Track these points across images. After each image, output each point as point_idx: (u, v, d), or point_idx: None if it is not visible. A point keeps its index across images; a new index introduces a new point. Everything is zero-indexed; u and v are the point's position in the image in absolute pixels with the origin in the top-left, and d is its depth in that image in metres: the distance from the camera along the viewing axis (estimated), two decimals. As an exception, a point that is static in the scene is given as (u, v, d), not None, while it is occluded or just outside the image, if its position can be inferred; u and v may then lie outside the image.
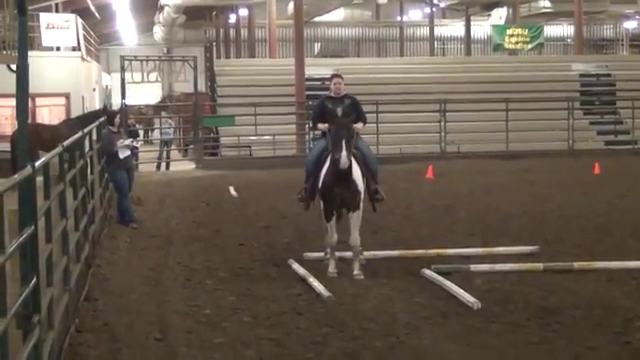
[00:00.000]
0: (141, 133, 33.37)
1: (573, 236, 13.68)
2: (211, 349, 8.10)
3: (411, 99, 29.76)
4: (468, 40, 48.46)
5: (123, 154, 15.20)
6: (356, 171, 11.11)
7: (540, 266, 11.26)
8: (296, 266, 11.43)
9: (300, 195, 11.82)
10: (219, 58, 47.65)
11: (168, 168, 27.48)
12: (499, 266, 11.26)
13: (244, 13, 47.61)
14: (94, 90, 36.26)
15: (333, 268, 11.21)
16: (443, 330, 8.70)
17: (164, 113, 34.59)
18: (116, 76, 35.91)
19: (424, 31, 53.56)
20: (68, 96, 29.60)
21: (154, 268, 11.83)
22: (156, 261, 12.31)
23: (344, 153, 10.69)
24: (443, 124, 28.27)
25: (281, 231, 14.52)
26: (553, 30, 52.16)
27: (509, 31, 40.72)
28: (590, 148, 28.56)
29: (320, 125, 11.55)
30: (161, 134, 29.18)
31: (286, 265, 11.66)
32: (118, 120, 15.94)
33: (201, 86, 34.29)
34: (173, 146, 30.62)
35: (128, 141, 15.72)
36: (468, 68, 35.58)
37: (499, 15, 48.73)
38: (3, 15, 22.72)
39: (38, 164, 6.93)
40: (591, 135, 30.83)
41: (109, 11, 43.76)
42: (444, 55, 52.56)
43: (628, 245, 12.83)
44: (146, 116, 38.15)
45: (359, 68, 34.19)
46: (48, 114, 29.34)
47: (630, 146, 29.57)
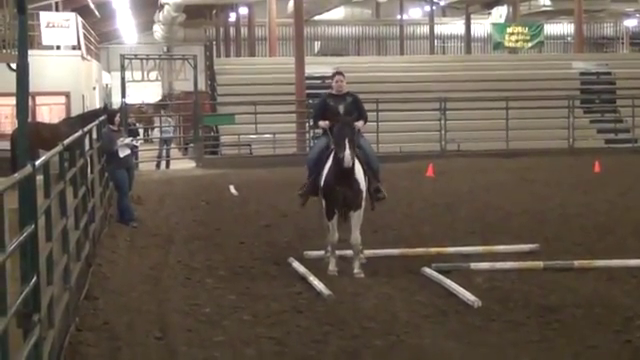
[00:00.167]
0: (141, 132, 33.38)
1: (573, 234, 13.68)
2: (211, 348, 8.10)
3: (411, 97, 29.73)
4: (468, 38, 48.43)
5: (123, 153, 15.20)
6: (358, 170, 11.09)
7: (540, 264, 11.25)
8: (296, 265, 11.43)
9: (301, 191, 11.82)
10: (219, 57, 47.62)
11: (168, 167, 27.49)
12: (499, 264, 11.25)
13: (244, 12, 47.62)
14: (94, 89, 36.25)
15: (333, 267, 11.21)
16: (443, 328, 8.70)
17: (163, 112, 34.57)
18: (116, 75, 35.90)
19: (424, 29, 53.51)
20: (68, 95, 29.60)
21: (154, 267, 11.84)
22: (156, 260, 12.31)
23: (347, 152, 10.67)
24: (443, 122, 28.27)
25: (281, 230, 14.52)
26: (553, 28, 52.16)
27: (509, 29, 40.70)
28: (590, 146, 28.55)
29: (321, 123, 11.52)
30: (161, 133, 29.17)
31: (286, 264, 11.66)
32: (118, 119, 15.95)
33: (201, 85, 34.26)
34: (173, 145, 30.60)
35: (128, 140, 15.72)
36: (468, 66, 35.54)
37: (499, 13, 48.72)
38: (3, 14, 22.69)
39: (38, 163, 6.93)
40: (591, 133, 30.80)
41: (109, 10, 43.78)
42: (444, 53, 52.56)
43: (628, 243, 12.83)
44: (146, 115, 38.15)
45: (359, 66, 34.16)
46: (48, 113, 29.32)
47: (630, 144, 29.55)
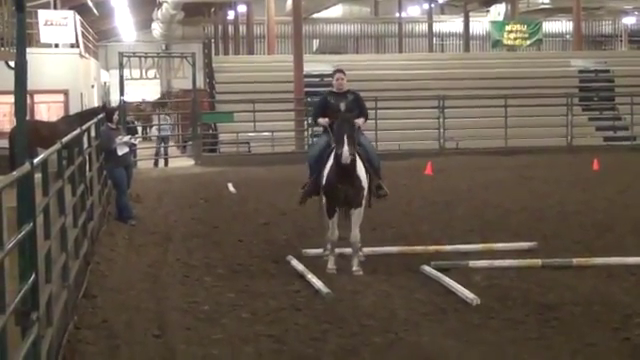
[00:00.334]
0: (140, 130, 33.34)
1: (572, 232, 13.68)
2: (210, 345, 8.10)
3: (410, 95, 29.69)
4: (467, 36, 48.41)
5: (122, 151, 15.19)
6: (360, 167, 11.08)
7: (539, 262, 11.24)
8: (295, 262, 11.42)
9: (303, 190, 11.78)
10: (217, 55, 47.57)
11: (167, 165, 27.48)
12: (498, 262, 11.24)
13: (242, 9, 47.58)
14: (92, 87, 36.25)
15: (332, 264, 11.20)
16: (442, 326, 8.70)
17: (159, 110, 34.54)
18: (114, 73, 35.90)
19: (423, 27, 53.53)
20: (67, 93, 29.58)
21: (153, 265, 11.83)
22: (155, 258, 12.31)
23: (346, 148, 10.65)
24: (442, 120, 28.27)
25: (280, 228, 14.52)
26: (552, 26, 52.14)
27: (508, 27, 40.65)
28: (589, 144, 28.55)
29: (321, 120, 11.51)
30: (159, 131, 29.14)
31: (285, 261, 11.65)
32: (117, 117, 15.94)
33: (200, 83, 34.23)
34: (171, 142, 30.58)
35: (127, 138, 15.71)
36: (467, 64, 35.53)
37: (498, 11, 48.63)
38: (1, 12, 22.70)
39: (37, 161, 6.92)
40: (590, 131, 30.79)
41: (107, 7, 43.75)
42: (443, 51, 52.52)
43: (627, 241, 12.83)
44: (144, 113, 38.10)
45: (358, 64, 34.11)
46: (47, 111, 29.30)
47: (629, 142, 29.57)
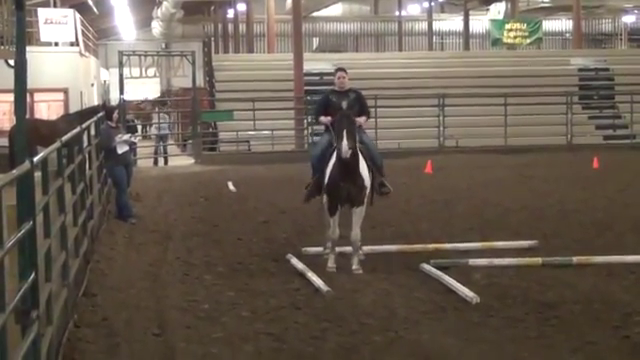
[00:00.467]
0: (139, 128, 33.34)
1: (572, 231, 13.68)
2: (210, 344, 8.09)
3: (409, 94, 29.72)
4: (466, 35, 48.44)
5: (121, 149, 15.19)
6: (363, 165, 11.06)
7: (539, 260, 11.24)
8: (295, 261, 11.42)
9: (307, 190, 11.76)
10: (217, 53, 47.55)
11: (166, 163, 27.48)
12: (498, 261, 11.24)
13: (242, 8, 47.59)
14: (92, 85, 36.22)
15: (332, 263, 11.19)
16: (442, 325, 8.70)
17: (158, 108, 34.54)
18: (114, 71, 35.86)
19: (422, 26, 53.52)
20: (66, 91, 29.56)
21: (153, 263, 11.83)
22: (155, 256, 12.31)
23: (345, 142, 10.63)
24: (441, 119, 28.28)
25: (280, 226, 14.52)
26: (552, 25, 52.16)
27: (508, 26, 40.64)
28: (589, 142, 28.56)
29: (322, 118, 11.50)
30: (159, 129, 29.14)
31: (285, 260, 11.64)
32: (117, 115, 15.93)
33: (199, 81, 34.24)
34: (171, 141, 30.58)
35: (127, 136, 15.71)
36: (466, 63, 35.53)
37: (497, 9, 48.67)
38: (1, 10, 22.68)
39: (36, 159, 6.92)
40: (590, 130, 30.81)
41: (107, 6, 43.77)
42: (442, 50, 52.53)
43: (627, 240, 12.83)
44: (144, 111, 38.11)
45: (357, 63, 34.10)
46: (46, 109, 29.28)
47: (629, 140, 29.61)
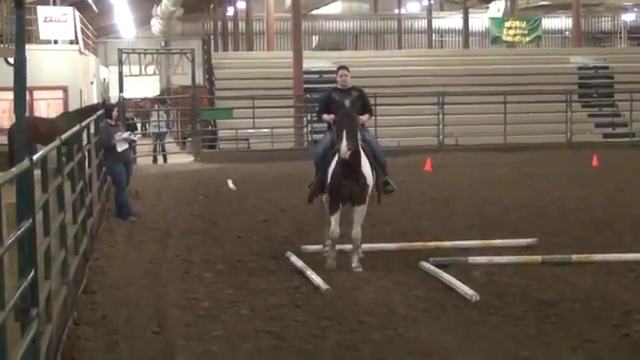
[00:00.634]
0: (139, 126, 33.33)
1: (571, 229, 13.67)
2: (209, 342, 8.09)
3: (409, 92, 29.74)
4: (466, 32, 48.39)
5: (121, 147, 15.18)
6: (365, 164, 11.03)
7: (538, 258, 11.25)
8: (294, 259, 11.41)
9: (310, 189, 11.75)
10: (217, 51, 47.60)
11: (166, 161, 27.48)
12: (497, 258, 11.24)
13: (242, 6, 47.58)
14: (92, 83, 36.26)
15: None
16: (441, 322, 8.70)
17: (157, 106, 34.54)
18: (114, 69, 35.85)
19: (422, 23, 53.47)
20: (66, 89, 29.60)
21: (152, 261, 11.83)
22: (154, 254, 12.31)
23: (344, 143, 10.59)
24: (441, 117, 28.28)
25: (279, 224, 14.52)
26: (551, 23, 52.12)
27: (507, 23, 40.66)
28: (588, 140, 28.56)
29: (325, 116, 11.48)
30: (159, 127, 29.14)
31: (284, 258, 11.64)
32: (116, 113, 15.93)
33: (199, 79, 34.24)
34: (171, 139, 30.58)
35: (126, 134, 15.70)
36: (466, 61, 35.51)
37: (497, 7, 48.63)
38: (1, 8, 22.68)
39: (36, 157, 6.92)
40: (589, 128, 30.83)
41: (107, 4, 43.75)
42: (442, 48, 52.49)
43: (626, 238, 12.83)
44: (144, 109, 38.11)
45: (357, 61, 33.98)
46: (46, 107, 29.33)
47: (628, 138, 29.62)
